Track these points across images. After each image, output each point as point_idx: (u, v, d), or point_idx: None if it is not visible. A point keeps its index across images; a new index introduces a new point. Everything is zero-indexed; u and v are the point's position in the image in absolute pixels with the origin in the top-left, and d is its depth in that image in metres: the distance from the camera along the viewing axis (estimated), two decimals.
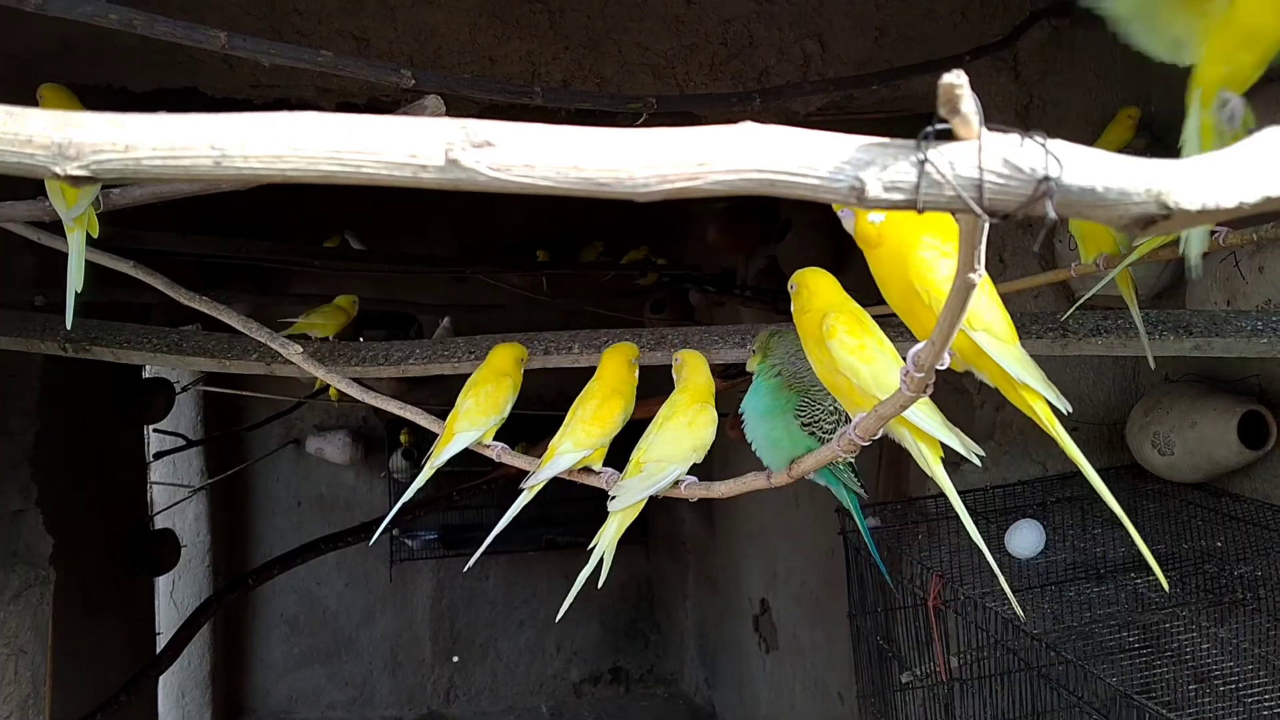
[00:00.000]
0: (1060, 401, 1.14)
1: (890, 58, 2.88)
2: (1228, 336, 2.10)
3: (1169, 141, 2.71)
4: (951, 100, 0.58)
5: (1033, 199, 0.59)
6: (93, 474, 4.04)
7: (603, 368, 1.83)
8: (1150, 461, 2.63)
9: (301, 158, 0.60)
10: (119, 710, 3.80)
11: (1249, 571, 2.27)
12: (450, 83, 2.10)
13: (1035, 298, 2.99)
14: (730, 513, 6.47)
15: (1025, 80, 2.98)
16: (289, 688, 7.41)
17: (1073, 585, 2.42)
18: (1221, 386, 2.57)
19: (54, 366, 2.93)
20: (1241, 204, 0.60)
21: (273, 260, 4.89)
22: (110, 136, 0.59)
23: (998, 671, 2.54)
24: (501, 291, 5.99)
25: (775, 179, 0.62)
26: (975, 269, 0.71)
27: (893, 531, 2.82)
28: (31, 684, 2.69)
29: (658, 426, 1.68)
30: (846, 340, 1.27)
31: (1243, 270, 2.35)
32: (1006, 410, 3.10)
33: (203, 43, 1.71)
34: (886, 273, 1.13)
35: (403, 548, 7.20)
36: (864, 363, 1.25)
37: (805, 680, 5.44)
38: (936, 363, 0.89)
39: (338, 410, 7.13)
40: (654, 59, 2.86)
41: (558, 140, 0.62)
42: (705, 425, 1.67)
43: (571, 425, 1.75)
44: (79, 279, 1.75)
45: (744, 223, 5.54)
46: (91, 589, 3.89)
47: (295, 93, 2.78)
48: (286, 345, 1.94)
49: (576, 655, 7.79)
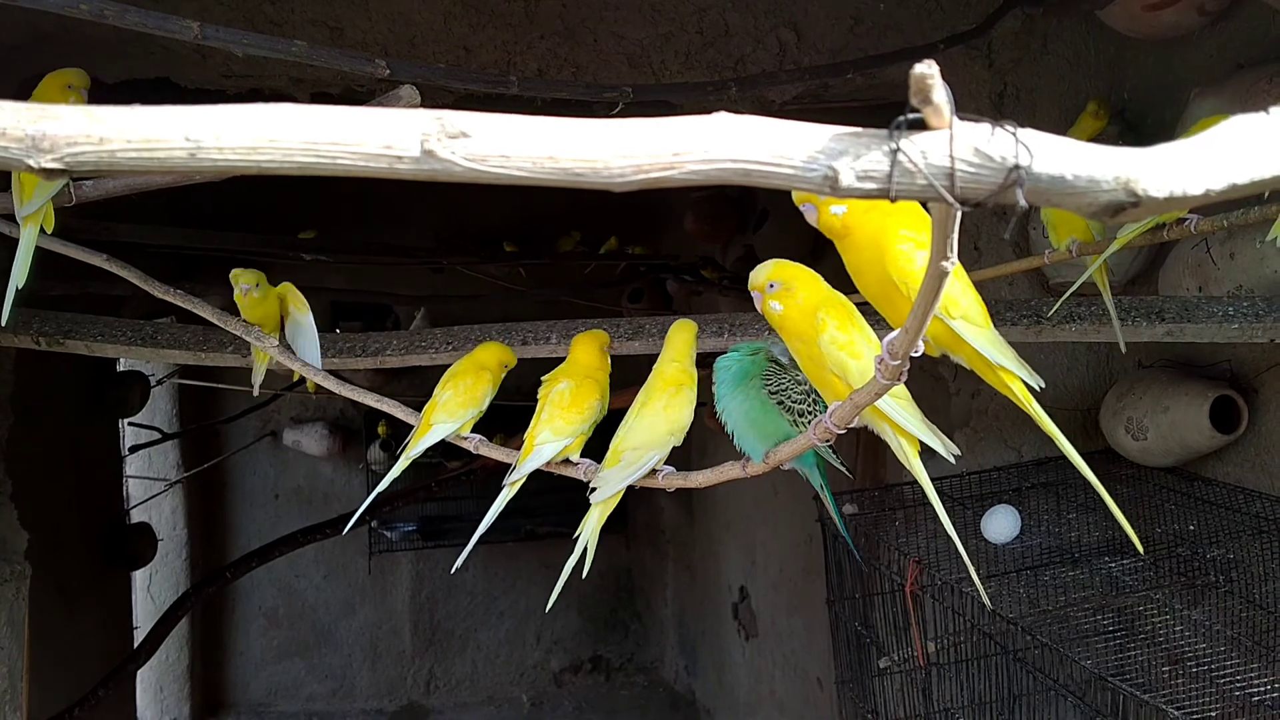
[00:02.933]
0: (1034, 379, 1.15)
1: (865, 46, 2.89)
2: (1200, 322, 2.12)
3: (1142, 129, 2.74)
4: (923, 90, 0.58)
5: (1003, 187, 0.60)
6: (68, 468, 4.01)
7: (574, 354, 1.80)
8: (1124, 446, 2.66)
9: (277, 149, 0.60)
10: (97, 705, 3.79)
11: (1221, 555, 2.30)
12: (425, 73, 2.09)
13: (1010, 285, 3.02)
14: (709, 502, 6.49)
15: (999, 68, 2.99)
16: (268, 680, 7.39)
17: (1048, 570, 2.44)
18: (1194, 372, 2.59)
19: (27, 361, 2.91)
20: (1208, 191, 0.60)
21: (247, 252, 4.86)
22: (85, 129, 0.58)
23: (974, 656, 2.56)
24: (478, 282, 5.98)
25: (750, 168, 0.63)
26: (948, 257, 0.71)
27: (870, 518, 2.83)
28: (8, 679, 2.68)
29: (634, 412, 1.66)
30: (837, 336, 1.25)
31: (1214, 256, 2.37)
32: (982, 397, 3.13)
33: (175, 33, 1.70)
34: (861, 262, 1.13)
35: (381, 539, 7.19)
36: (852, 358, 1.24)
37: (784, 667, 5.47)
38: (911, 350, 0.90)
39: (315, 402, 7.11)
40: (630, 48, 2.86)
41: (533, 131, 0.62)
42: (681, 407, 1.63)
43: (549, 414, 1.72)
44: (24, 275, 1.73)
45: (721, 212, 5.56)
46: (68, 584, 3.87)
47: (269, 83, 2.77)
48: (262, 338, 1.94)
49: (557, 645, 7.80)
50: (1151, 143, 0.62)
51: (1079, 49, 2.92)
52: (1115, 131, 2.67)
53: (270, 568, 6.27)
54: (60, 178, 1.60)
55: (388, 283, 6.08)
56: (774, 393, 1.51)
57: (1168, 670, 2.06)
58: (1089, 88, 2.88)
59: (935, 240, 0.71)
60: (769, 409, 1.51)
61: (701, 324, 2.22)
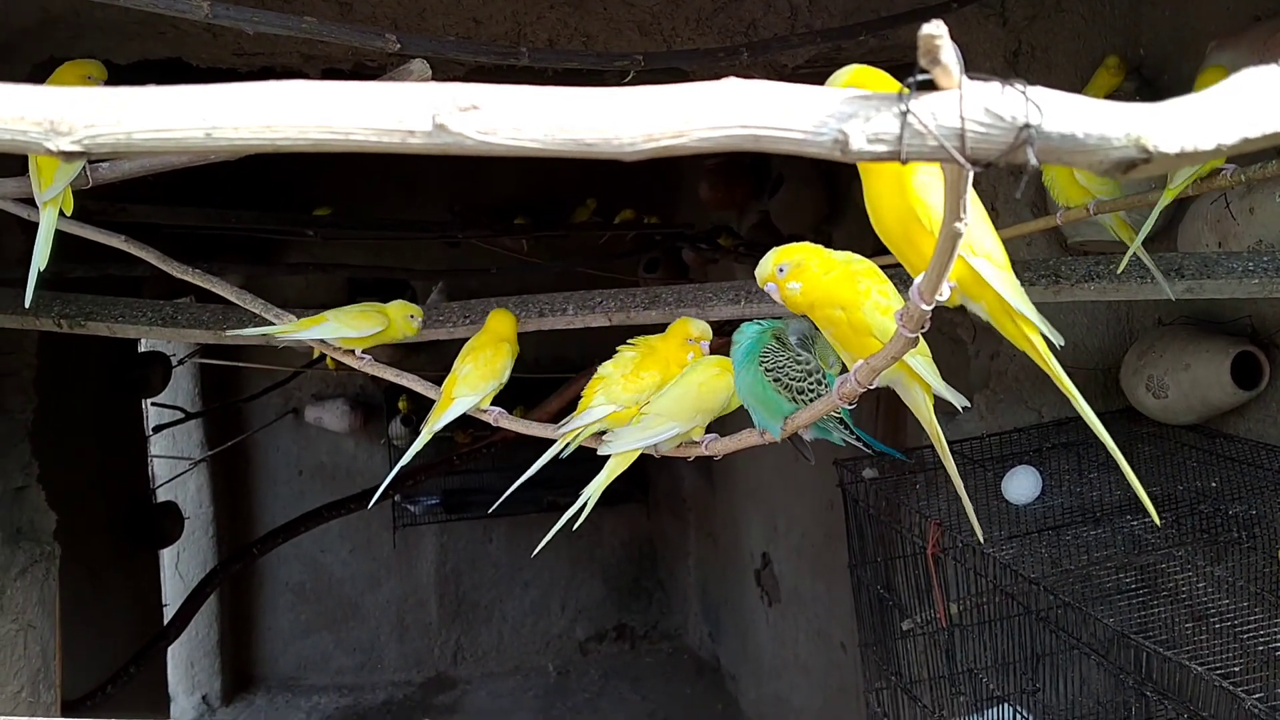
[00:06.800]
0: (1054, 334, 1.14)
1: (877, 7, 2.86)
2: (1220, 278, 2.11)
3: (1159, 84, 2.71)
4: (931, 50, 0.58)
5: (1014, 146, 0.60)
6: (93, 449, 4.06)
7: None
8: (1145, 405, 2.65)
9: (291, 126, 0.61)
10: (129, 682, 3.85)
11: (1243, 510, 2.29)
12: (435, 46, 2.08)
13: (1028, 245, 3.00)
14: (730, 469, 6.51)
15: (1013, 26, 2.96)
16: (297, 654, 7.47)
17: (1070, 529, 2.44)
18: (1214, 328, 2.58)
19: (50, 343, 2.93)
20: (1219, 146, 0.60)
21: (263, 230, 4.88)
22: (101, 111, 0.59)
23: (997, 616, 2.57)
24: (495, 256, 5.99)
25: (760, 134, 0.63)
26: (961, 218, 0.71)
27: (890, 482, 2.84)
28: (41, 658, 2.72)
29: (674, 380, 1.66)
30: (879, 300, 1.24)
31: (1234, 212, 2.36)
32: (1001, 359, 3.12)
33: (185, 12, 1.70)
34: (881, 198, 1.09)
35: (405, 513, 7.24)
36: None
37: (808, 631, 5.50)
38: (936, 293, 0.88)
39: (335, 379, 7.15)
40: (640, 15, 2.84)
41: (544, 101, 0.63)
42: (716, 391, 1.61)
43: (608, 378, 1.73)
44: (44, 258, 1.75)
45: (735, 179, 5.53)
46: (97, 563, 3.92)
47: (280, 60, 2.77)
48: (281, 315, 1.95)
49: (581, 614, 7.85)
50: (1169, 98, 0.62)
51: (1094, 4, 2.88)
52: (1132, 87, 2.65)
53: (296, 543, 6.32)
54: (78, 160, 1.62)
55: (404, 258, 6.10)
56: (769, 370, 1.50)
57: (1191, 627, 2.07)
58: (1105, 44, 2.85)
59: (948, 201, 0.71)
60: (767, 387, 1.50)
61: (717, 292, 2.22)
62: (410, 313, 1.96)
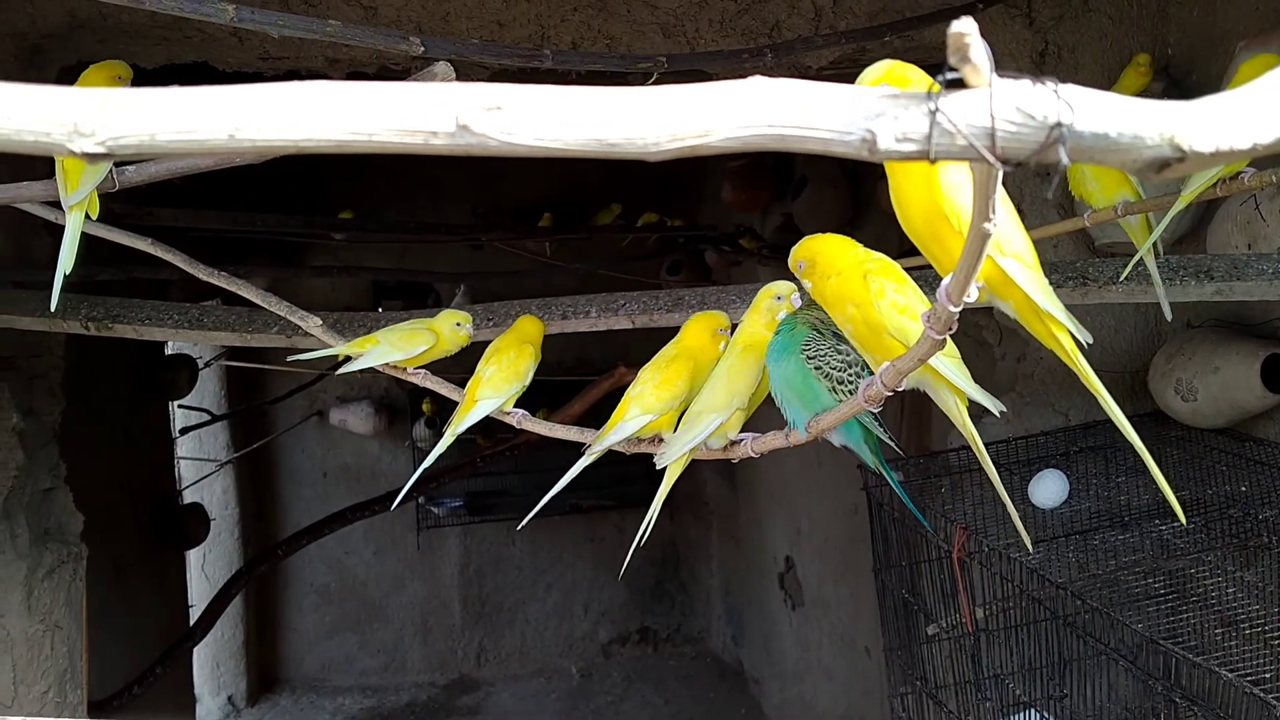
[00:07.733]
0: (1082, 333, 1.12)
1: (902, 8, 2.85)
2: (1249, 280, 2.08)
3: (1187, 85, 2.68)
4: (961, 48, 0.57)
5: (1045, 145, 0.59)
6: (120, 451, 4.08)
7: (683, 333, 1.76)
8: (1173, 408, 2.62)
9: (314, 127, 0.61)
10: (155, 682, 3.87)
11: (1274, 515, 2.26)
12: (459, 49, 2.09)
13: (1055, 247, 2.97)
14: (752, 472, 6.49)
15: (1039, 26, 2.94)
16: (322, 656, 7.51)
17: (1097, 534, 2.42)
18: (1244, 331, 2.55)
19: (78, 346, 2.95)
20: (1255, 145, 0.59)
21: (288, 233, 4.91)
22: (125, 112, 0.59)
23: (1024, 621, 2.54)
24: (518, 258, 6.00)
25: (785, 134, 0.62)
26: (990, 218, 0.70)
27: (916, 485, 2.82)
28: (68, 659, 2.74)
29: (710, 375, 1.64)
30: (896, 300, 1.22)
31: (1263, 213, 2.33)
32: (1028, 361, 3.09)
33: (211, 16, 1.71)
34: (907, 194, 1.08)
35: (429, 515, 7.26)
36: (912, 320, 1.20)
37: (831, 635, 5.48)
38: (964, 294, 0.87)
39: (360, 381, 7.18)
40: (663, 17, 2.84)
41: (567, 102, 0.62)
42: (744, 372, 1.58)
43: (640, 387, 1.69)
44: (71, 261, 1.76)
45: (759, 180, 5.52)
46: (124, 564, 3.94)
47: (305, 64, 2.78)
48: (306, 318, 1.95)
49: (604, 617, 7.85)
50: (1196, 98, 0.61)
51: (1122, 4, 2.86)
52: (1159, 87, 2.62)
53: (321, 545, 6.35)
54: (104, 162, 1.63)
55: (428, 261, 6.12)
56: (811, 358, 1.48)
57: (1220, 632, 2.04)
58: (1132, 44, 2.82)
59: (977, 201, 0.70)
60: (808, 376, 1.48)
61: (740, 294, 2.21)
62: (457, 320, 1.93)
